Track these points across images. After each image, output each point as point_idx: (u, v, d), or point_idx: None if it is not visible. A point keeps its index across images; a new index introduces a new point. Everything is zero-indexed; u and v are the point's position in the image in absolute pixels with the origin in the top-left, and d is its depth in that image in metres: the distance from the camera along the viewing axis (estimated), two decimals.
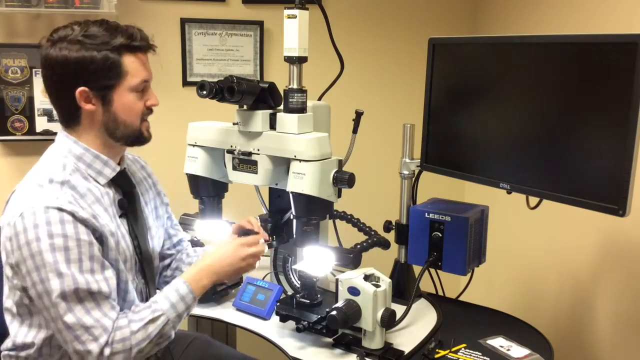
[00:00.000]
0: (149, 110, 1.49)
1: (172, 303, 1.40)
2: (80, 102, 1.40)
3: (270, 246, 1.88)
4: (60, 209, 1.31)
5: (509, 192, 1.69)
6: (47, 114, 2.50)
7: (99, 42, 1.38)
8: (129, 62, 1.41)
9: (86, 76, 1.38)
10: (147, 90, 1.47)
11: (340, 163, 1.64)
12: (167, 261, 1.77)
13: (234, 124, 1.70)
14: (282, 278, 1.97)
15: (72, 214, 1.32)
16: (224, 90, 1.56)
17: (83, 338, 1.30)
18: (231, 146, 1.72)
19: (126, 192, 1.52)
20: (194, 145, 1.79)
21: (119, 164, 1.51)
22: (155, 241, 1.63)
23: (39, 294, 1.31)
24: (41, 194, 1.34)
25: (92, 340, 1.30)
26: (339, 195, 1.65)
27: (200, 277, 1.47)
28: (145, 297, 1.56)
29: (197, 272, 1.48)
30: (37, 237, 1.29)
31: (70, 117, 1.44)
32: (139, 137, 1.48)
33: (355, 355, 1.60)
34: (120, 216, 1.49)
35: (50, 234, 1.29)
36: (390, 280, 1.64)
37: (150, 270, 1.58)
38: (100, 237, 1.37)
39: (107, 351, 1.30)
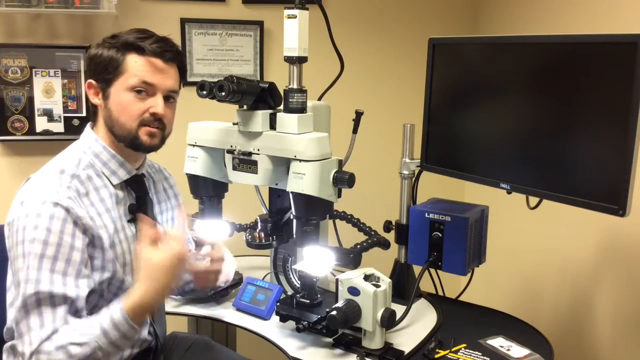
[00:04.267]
0: (151, 117, 1.46)
1: (103, 330, 1.30)
2: (89, 93, 1.47)
3: (270, 246, 1.88)
4: (56, 204, 1.33)
5: (509, 192, 1.69)
6: (47, 114, 2.50)
7: (114, 41, 1.44)
8: (132, 61, 1.43)
9: (94, 69, 1.46)
10: (153, 96, 1.46)
11: (340, 163, 1.64)
12: None
13: (234, 124, 1.70)
14: (282, 278, 1.97)
15: (67, 210, 1.34)
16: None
17: (24, 339, 1.30)
18: (231, 146, 1.72)
19: (138, 197, 1.53)
20: (194, 145, 1.79)
21: (137, 169, 1.52)
22: None
23: (17, 280, 1.34)
24: (45, 186, 1.37)
25: (28, 343, 1.29)
26: (339, 195, 1.65)
27: (135, 299, 1.32)
28: None
29: (132, 295, 1.33)
30: (25, 226, 1.32)
31: (92, 113, 1.52)
32: (134, 141, 1.47)
33: (355, 355, 1.60)
34: (129, 220, 1.50)
35: (35, 225, 1.32)
36: (390, 280, 1.64)
37: None
38: (92, 238, 1.38)
39: (34, 358, 1.28)
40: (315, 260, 1.68)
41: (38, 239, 1.31)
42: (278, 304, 1.76)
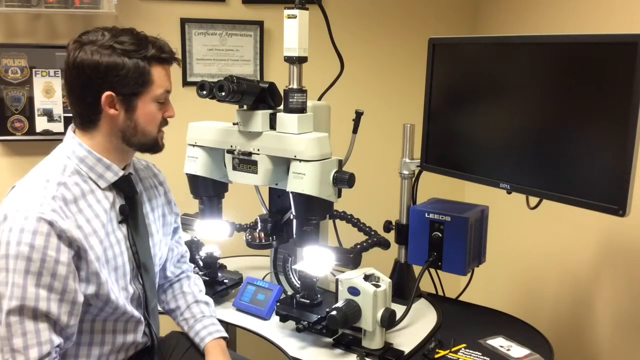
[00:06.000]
0: (165, 121, 1.51)
1: None
2: (105, 106, 1.40)
3: (270, 246, 1.88)
4: (39, 218, 1.31)
5: (509, 192, 1.69)
6: (47, 114, 2.50)
7: (130, 50, 1.40)
8: (157, 72, 1.45)
9: (114, 81, 1.39)
10: (167, 102, 1.50)
11: (340, 163, 1.64)
12: (167, 274, 1.75)
13: (234, 124, 1.70)
14: (282, 278, 1.97)
15: (51, 223, 1.31)
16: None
17: (6, 356, 1.29)
18: (231, 146, 1.72)
19: (128, 197, 1.52)
20: (194, 145, 1.79)
21: (124, 169, 1.52)
22: (158, 249, 1.62)
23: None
24: (29, 198, 1.34)
25: None
26: (339, 195, 1.65)
27: None
28: (143, 304, 1.55)
29: None
30: (8, 240, 1.30)
31: (89, 120, 1.44)
32: (154, 146, 1.51)
33: (355, 355, 1.60)
34: (120, 222, 1.49)
35: (19, 241, 1.30)
36: (390, 280, 1.64)
37: (149, 279, 1.56)
38: (78, 250, 1.36)
39: None
40: (315, 260, 1.68)
41: (22, 256, 1.30)
42: (278, 304, 1.76)
